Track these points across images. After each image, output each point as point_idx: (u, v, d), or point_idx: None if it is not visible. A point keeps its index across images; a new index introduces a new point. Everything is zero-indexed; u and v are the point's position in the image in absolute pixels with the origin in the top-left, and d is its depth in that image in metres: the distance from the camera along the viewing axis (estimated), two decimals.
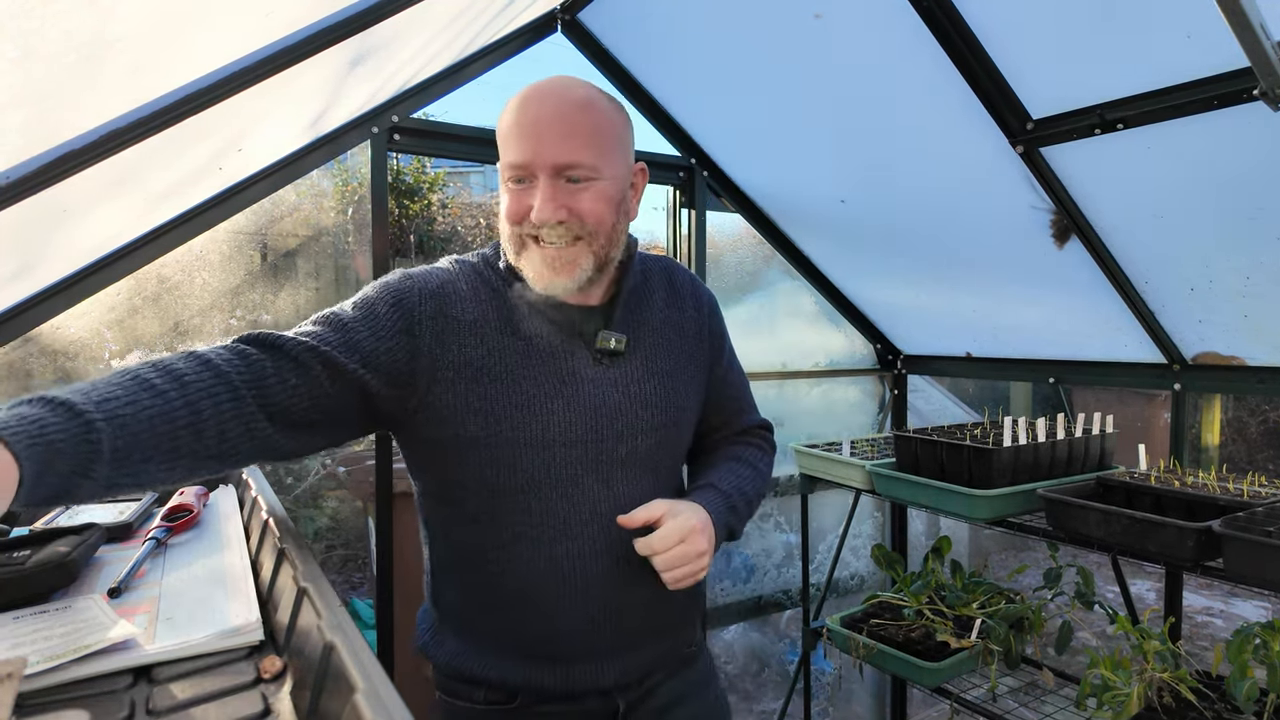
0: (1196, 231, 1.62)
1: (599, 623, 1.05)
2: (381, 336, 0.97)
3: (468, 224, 6.36)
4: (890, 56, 1.63)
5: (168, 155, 1.15)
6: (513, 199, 0.99)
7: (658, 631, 1.12)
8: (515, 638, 1.05)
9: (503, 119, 1.01)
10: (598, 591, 1.04)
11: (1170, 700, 1.46)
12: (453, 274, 1.06)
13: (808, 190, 2.25)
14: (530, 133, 0.96)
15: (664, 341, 1.13)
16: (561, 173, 0.97)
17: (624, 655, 1.08)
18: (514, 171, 0.98)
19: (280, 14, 0.91)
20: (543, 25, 1.97)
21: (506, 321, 1.03)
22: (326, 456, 3.25)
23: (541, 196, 0.96)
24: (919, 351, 2.72)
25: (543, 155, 0.96)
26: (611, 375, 1.06)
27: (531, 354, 1.02)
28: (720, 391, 1.24)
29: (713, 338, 1.21)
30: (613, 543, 1.04)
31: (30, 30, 0.70)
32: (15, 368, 1.57)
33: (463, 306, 1.02)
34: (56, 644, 0.59)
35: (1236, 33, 0.93)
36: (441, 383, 0.98)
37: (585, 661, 1.06)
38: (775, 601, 2.76)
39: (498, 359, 1.00)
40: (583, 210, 0.98)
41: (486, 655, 1.07)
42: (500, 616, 1.05)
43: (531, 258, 1.00)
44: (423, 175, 5.70)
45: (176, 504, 0.97)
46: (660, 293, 1.16)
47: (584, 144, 0.98)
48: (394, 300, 0.99)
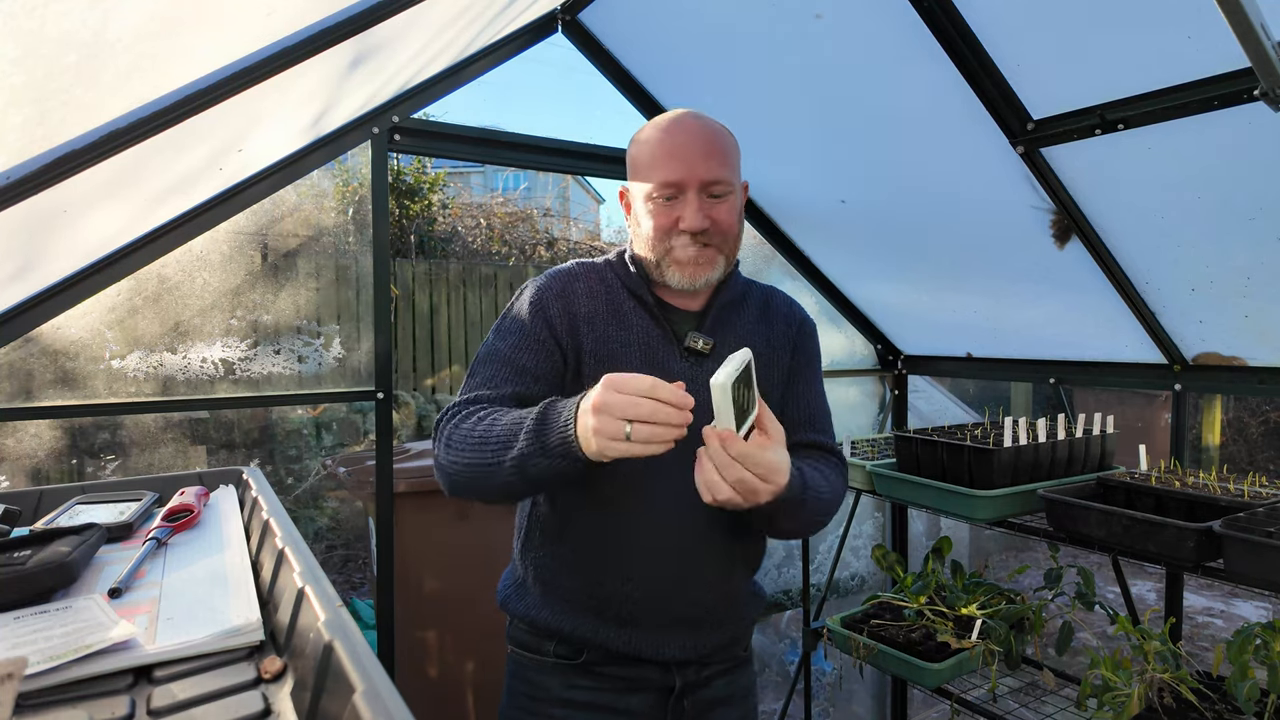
0: (1197, 232, 1.62)
1: (669, 593, 1.15)
2: (535, 348, 1.16)
3: (468, 224, 6.35)
4: (891, 57, 1.63)
5: (168, 155, 1.15)
6: (660, 212, 1.15)
7: (719, 618, 1.21)
8: (590, 597, 1.16)
9: (645, 145, 1.17)
10: (672, 562, 1.15)
11: (1171, 701, 1.46)
12: (576, 274, 1.22)
13: (808, 190, 2.25)
14: (681, 155, 1.13)
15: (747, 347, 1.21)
16: (707, 188, 1.14)
17: (687, 631, 1.18)
18: (666, 190, 1.14)
19: (281, 14, 0.91)
20: (543, 26, 1.97)
21: (614, 315, 1.19)
22: (327, 457, 3.25)
23: (691, 209, 1.13)
24: (919, 352, 2.72)
25: (694, 173, 1.13)
26: (695, 372, 1.18)
27: (631, 344, 1.17)
28: (794, 403, 1.29)
29: (798, 353, 1.29)
30: (688, 521, 1.14)
31: (31, 30, 0.70)
32: (16, 368, 1.57)
33: (580, 302, 1.19)
34: (57, 644, 0.59)
35: (1237, 33, 0.93)
36: (571, 365, 1.17)
37: (652, 629, 1.16)
38: (776, 602, 2.75)
39: (603, 345, 1.16)
40: (720, 219, 1.15)
41: (562, 611, 1.18)
42: (580, 576, 1.17)
43: (677, 259, 1.15)
44: (423, 175, 5.71)
45: (177, 504, 0.97)
46: (754, 310, 1.28)
47: (721, 163, 1.15)
48: (534, 310, 1.18)
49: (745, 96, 1.99)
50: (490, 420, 1.03)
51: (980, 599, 1.86)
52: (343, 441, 3.54)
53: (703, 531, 1.16)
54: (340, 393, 1.94)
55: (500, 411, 1.05)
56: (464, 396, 1.14)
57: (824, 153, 2.05)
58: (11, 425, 1.61)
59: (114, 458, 1.82)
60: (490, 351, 1.19)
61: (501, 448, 0.99)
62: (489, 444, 1.00)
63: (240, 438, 2.06)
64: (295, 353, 1.94)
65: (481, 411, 1.07)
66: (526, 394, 1.13)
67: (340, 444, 3.54)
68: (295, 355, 1.94)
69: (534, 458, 0.95)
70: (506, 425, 1.01)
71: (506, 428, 1.00)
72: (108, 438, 1.82)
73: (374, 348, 1.87)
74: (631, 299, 1.21)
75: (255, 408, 1.93)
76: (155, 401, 1.73)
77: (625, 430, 0.86)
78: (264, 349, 1.89)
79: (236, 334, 1.84)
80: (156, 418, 1.81)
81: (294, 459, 2.33)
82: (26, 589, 0.68)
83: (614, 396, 0.87)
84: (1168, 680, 1.45)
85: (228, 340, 1.83)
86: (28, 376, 1.59)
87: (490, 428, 1.02)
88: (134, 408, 1.71)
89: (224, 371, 1.82)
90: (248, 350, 1.86)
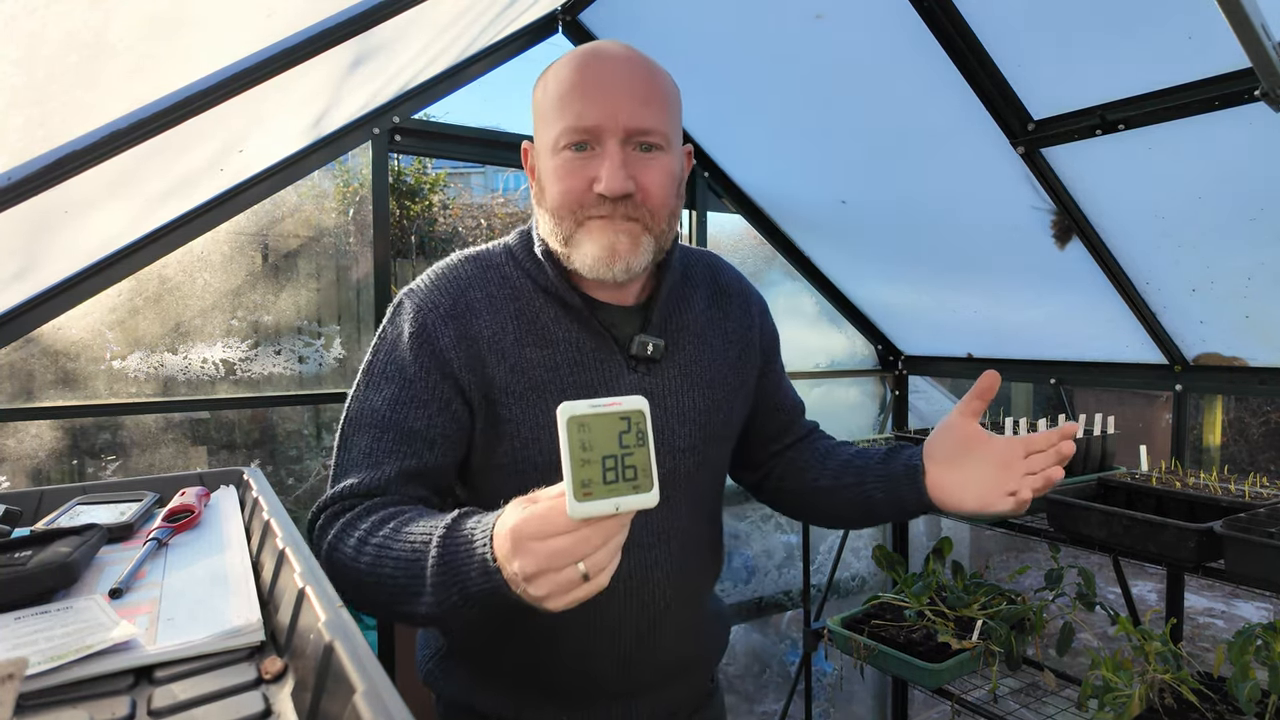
0: (1198, 232, 1.62)
1: (631, 661, 0.96)
2: (425, 402, 0.87)
3: (469, 225, 6.36)
4: (891, 57, 1.63)
5: (169, 156, 1.16)
6: (569, 170, 0.85)
7: (686, 667, 1.05)
8: (539, 674, 0.96)
9: (553, 81, 0.87)
10: (631, 627, 0.94)
11: (1172, 701, 1.46)
12: (468, 279, 0.93)
13: (809, 191, 2.25)
14: (599, 93, 0.84)
15: (705, 347, 1.01)
16: (633, 138, 0.85)
17: (655, 692, 1.01)
18: (576, 136, 0.84)
19: (281, 15, 0.91)
20: (543, 26, 1.97)
21: (528, 330, 0.91)
22: (327, 458, 3.25)
23: (611, 164, 0.83)
24: (920, 352, 2.72)
25: (616, 117, 0.83)
26: (647, 385, 0.94)
27: (558, 366, 0.90)
28: (777, 394, 1.13)
29: (764, 340, 1.10)
30: (649, 576, 0.94)
31: (32, 31, 0.70)
32: (17, 368, 1.57)
33: (479, 321, 0.90)
34: (58, 644, 0.59)
35: (1238, 34, 0.93)
36: (480, 412, 0.90)
37: (614, 701, 0.98)
38: (776, 602, 2.75)
39: (522, 375, 0.89)
40: (650, 184, 0.86)
41: (504, 691, 0.97)
42: (522, 651, 0.95)
43: (592, 236, 0.86)
44: (424, 176, 5.70)
45: (178, 505, 0.97)
46: (703, 291, 1.04)
47: (656, 109, 0.86)
48: (416, 344, 0.89)
49: (746, 96, 1.99)
50: (376, 551, 0.77)
51: (981, 599, 1.86)
52: None
53: (662, 585, 0.95)
54: (341, 393, 1.95)
55: (385, 533, 0.78)
56: (336, 488, 0.86)
57: (824, 153, 2.05)
58: (12, 426, 1.61)
59: (115, 458, 1.82)
60: (363, 411, 0.88)
61: (404, 595, 0.74)
62: (383, 587, 0.76)
63: (241, 438, 2.06)
64: (296, 353, 1.94)
65: (363, 526, 0.80)
66: (421, 468, 0.87)
67: None
68: (296, 356, 1.94)
69: (459, 609, 0.71)
70: (399, 562, 0.74)
71: (402, 564, 0.74)
72: (108, 438, 1.82)
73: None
74: (551, 303, 0.92)
75: (256, 408, 1.93)
76: (156, 402, 1.74)
77: (580, 572, 0.62)
78: (264, 349, 1.89)
79: (237, 334, 1.84)
80: (157, 418, 1.81)
81: (294, 459, 2.33)
82: (27, 589, 0.68)
83: (539, 553, 0.62)
84: (1169, 681, 1.45)
85: (228, 341, 1.83)
86: (29, 377, 1.59)
87: (377, 563, 0.76)
88: (135, 408, 1.71)
89: (225, 372, 1.83)
90: (248, 351, 1.86)
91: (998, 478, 0.89)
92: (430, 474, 0.89)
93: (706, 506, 1.04)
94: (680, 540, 0.98)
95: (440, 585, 0.71)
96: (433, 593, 0.72)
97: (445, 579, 0.70)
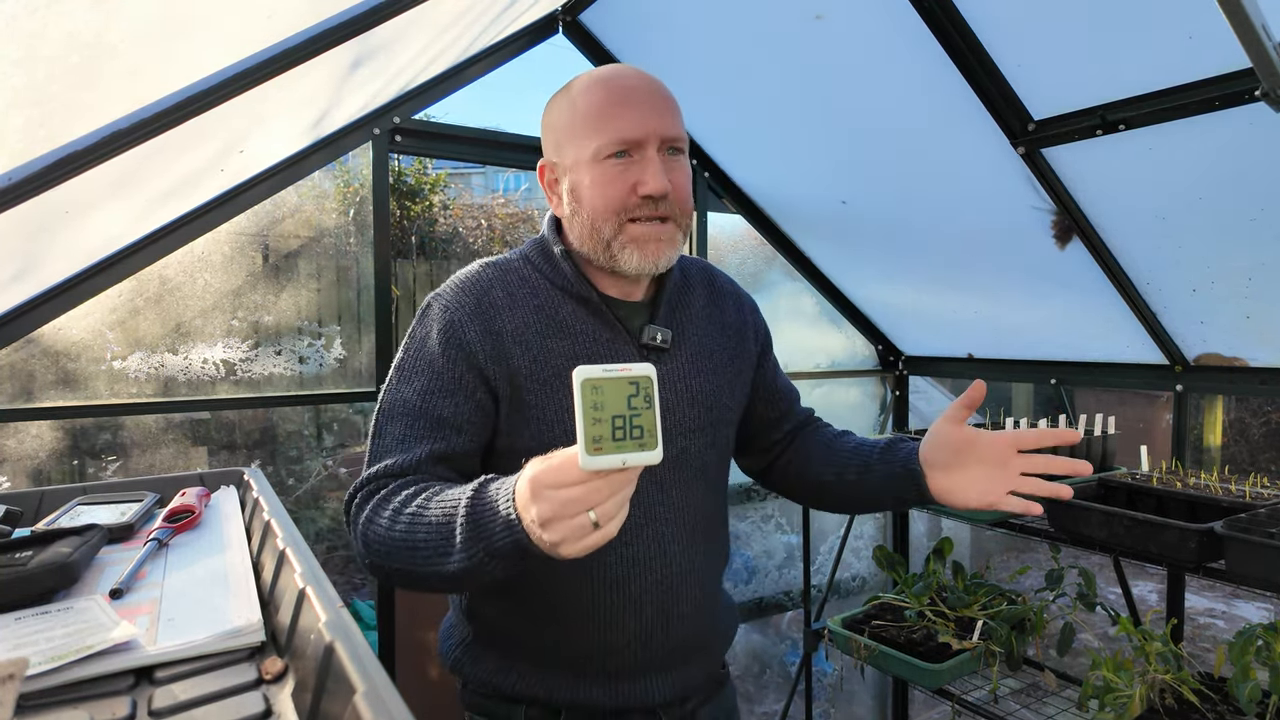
0: (1198, 232, 1.62)
1: (652, 634, 1.01)
2: (453, 391, 0.96)
3: (469, 225, 6.35)
4: (891, 57, 1.63)
5: (169, 157, 1.16)
6: (612, 177, 0.95)
7: (703, 645, 1.09)
8: (563, 652, 1.01)
9: (583, 101, 0.97)
10: (651, 601, 1.00)
11: (1172, 702, 1.46)
12: (490, 281, 1.02)
13: (809, 191, 2.25)
14: (635, 108, 0.94)
15: (707, 338, 1.11)
16: (665, 145, 0.96)
17: (673, 670, 1.05)
18: (620, 145, 0.94)
19: (281, 16, 0.91)
20: (544, 27, 1.97)
21: (549, 323, 1.00)
22: (328, 458, 3.25)
23: (654, 167, 0.94)
24: (920, 352, 2.72)
25: (654, 127, 0.94)
26: (658, 372, 0.99)
27: (577, 355, 0.99)
28: (773, 383, 1.22)
29: (758, 333, 1.20)
30: (666, 550, 1.01)
31: (33, 31, 0.70)
32: (17, 369, 1.57)
33: (502, 317, 0.98)
34: (58, 645, 0.59)
35: (1238, 34, 0.93)
36: (505, 398, 0.98)
37: (636, 677, 1.02)
38: (776, 603, 2.75)
39: (544, 364, 0.98)
40: (680, 183, 0.97)
41: (530, 671, 1.02)
42: (547, 630, 1.01)
43: (635, 236, 0.96)
44: (424, 176, 5.70)
45: (178, 505, 0.97)
46: (700, 290, 1.14)
47: (679, 120, 0.99)
48: (445, 340, 0.97)
49: (746, 97, 1.99)
50: (410, 520, 0.85)
51: (981, 600, 1.86)
52: (343, 442, 3.54)
53: (680, 560, 1.02)
54: (341, 393, 1.95)
55: (418, 503, 0.86)
56: (371, 470, 0.95)
57: (825, 153, 2.05)
58: (13, 426, 1.61)
59: (115, 458, 1.82)
60: (395, 402, 0.98)
61: (435, 555, 0.82)
62: (418, 550, 0.83)
63: (241, 438, 2.06)
64: (296, 353, 1.94)
65: (397, 500, 0.88)
66: (449, 451, 0.95)
67: (341, 444, 3.54)
68: (296, 356, 1.94)
69: (484, 566, 0.77)
70: (431, 526, 0.82)
71: (434, 528, 0.82)
72: (109, 438, 1.83)
73: (375, 348, 1.88)
74: (568, 300, 1.02)
75: (256, 408, 1.93)
76: (156, 402, 1.74)
77: (591, 519, 0.68)
78: (265, 350, 1.89)
79: (237, 335, 1.84)
80: (157, 418, 1.81)
81: (295, 460, 2.33)
82: (28, 589, 0.68)
83: (554, 500, 0.68)
84: (1169, 681, 1.45)
85: (229, 341, 1.83)
86: (29, 377, 1.59)
87: (411, 530, 0.84)
88: (135, 408, 1.71)
89: (225, 372, 1.83)
90: (249, 351, 1.86)
91: (998, 476, 0.96)
92: (457, 458, 0.96)
93: (716, 486, 1.12)
94: (694, 516, 1.06)
95: (468, 541, 0.77)
96: (462, 548, 0.78)
97: (473, 534, 0.77)
